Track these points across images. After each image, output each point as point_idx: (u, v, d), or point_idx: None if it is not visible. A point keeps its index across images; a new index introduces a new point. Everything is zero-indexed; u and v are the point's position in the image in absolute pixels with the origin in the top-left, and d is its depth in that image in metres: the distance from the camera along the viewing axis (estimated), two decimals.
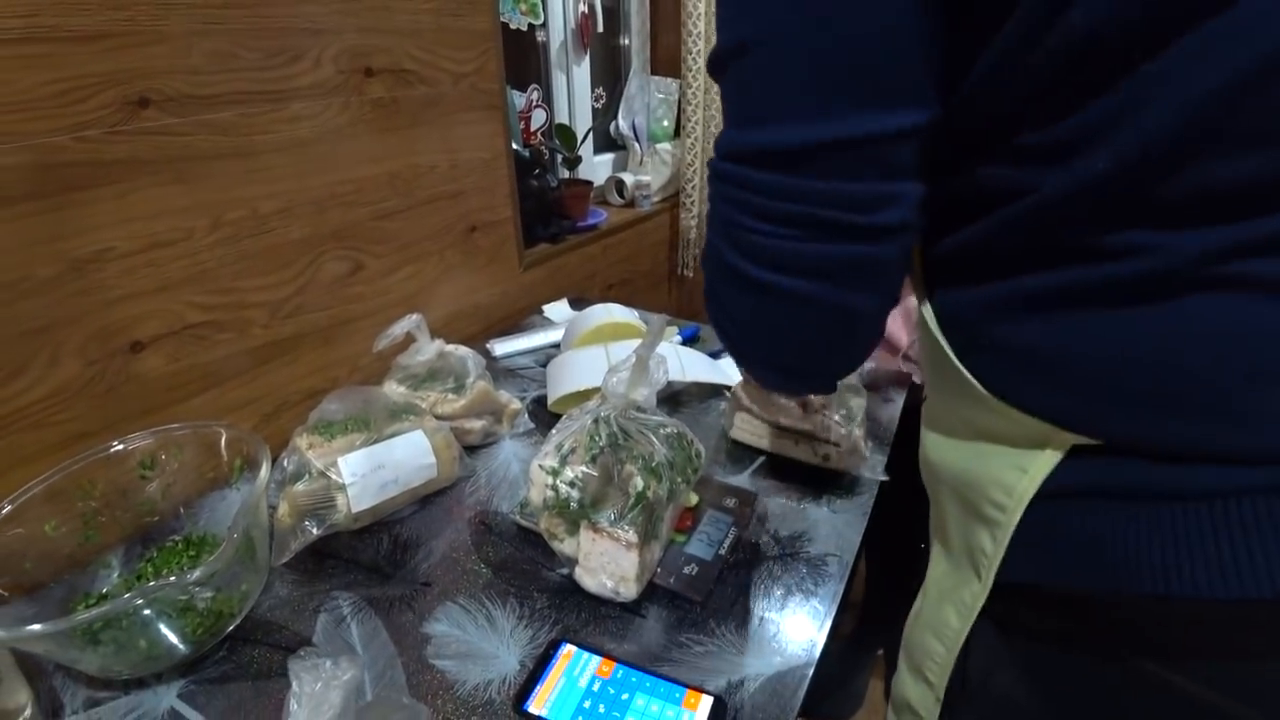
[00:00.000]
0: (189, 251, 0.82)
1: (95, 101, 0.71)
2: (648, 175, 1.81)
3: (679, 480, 0.74)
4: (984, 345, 0.43)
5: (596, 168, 1.87)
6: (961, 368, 0.43)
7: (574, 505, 0.69)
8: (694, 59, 1.68)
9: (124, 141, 0.74)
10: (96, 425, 0.78)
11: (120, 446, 0.73)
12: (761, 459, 0.95)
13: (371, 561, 0.75)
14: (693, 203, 1.84)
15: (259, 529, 0.66)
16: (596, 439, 0.72)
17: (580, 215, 1.55)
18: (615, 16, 1.89)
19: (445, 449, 0.82)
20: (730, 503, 0.83)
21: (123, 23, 0.72)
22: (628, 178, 1.78)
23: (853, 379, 0.96)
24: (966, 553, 0.47)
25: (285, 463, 0.74)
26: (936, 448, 0.51)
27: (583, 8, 1.61)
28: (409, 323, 0.85)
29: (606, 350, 1.01)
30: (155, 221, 0.78)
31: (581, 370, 0.99)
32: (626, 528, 0.67)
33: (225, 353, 0.88)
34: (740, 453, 0.95)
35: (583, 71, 1.73)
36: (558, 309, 1.40)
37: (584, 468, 0.71)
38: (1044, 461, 0.41)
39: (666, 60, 1.95)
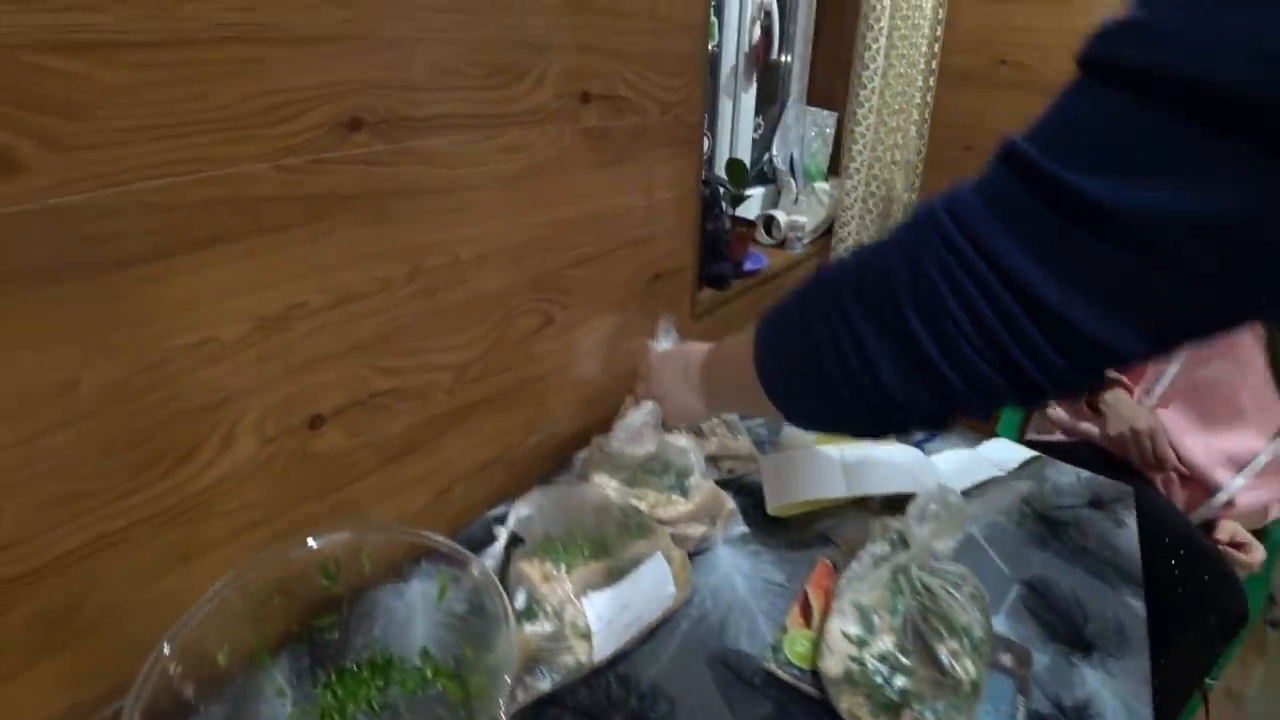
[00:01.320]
0: (384, 305, 0.67)
1: (304, 121, 0.57)
2: (803, 215, 1.64)
3: (986, 651, 0.58)
4: None
5: (748, 203, 1.71)
6: None
7: (891, 692, 0.53)
8: (867, 94, 1.51)
9: (327, 172, 0.60)
10: (269, 513, 0.64)
11: (313, 545, 0.58)
12: (1013, 594, 0.78)
13: (596, 707, 0.59)
14: (845, 249, 1.66)
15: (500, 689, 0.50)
16: (900, 598, 0.57)
17: (741, 258, 1.39)
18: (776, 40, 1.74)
19: (681, 571, 0.66)
20: (1006, 660, 0.67)
21: (344, 23, 0.58)
22: (781, 216, 1.62)
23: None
24: None
25: (513, 591, 0.58)
26: None
27: (758, 31, 1.46)
28: (645, 414, 0.69)
29: (841, 455, 0.84)
30: (351, 269, 0.64)
31: (814, 477, 0.83)
32: None
33: (405, 424, 0.73)
34: (988, 588, 0.78)
35: (749, 99, 1.58)
36: None
37: (893, 638, 0.55)
38: None
39: (821, 89, 1.79)
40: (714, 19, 1.37)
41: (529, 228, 0.79)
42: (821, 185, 1.69)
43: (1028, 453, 1.10)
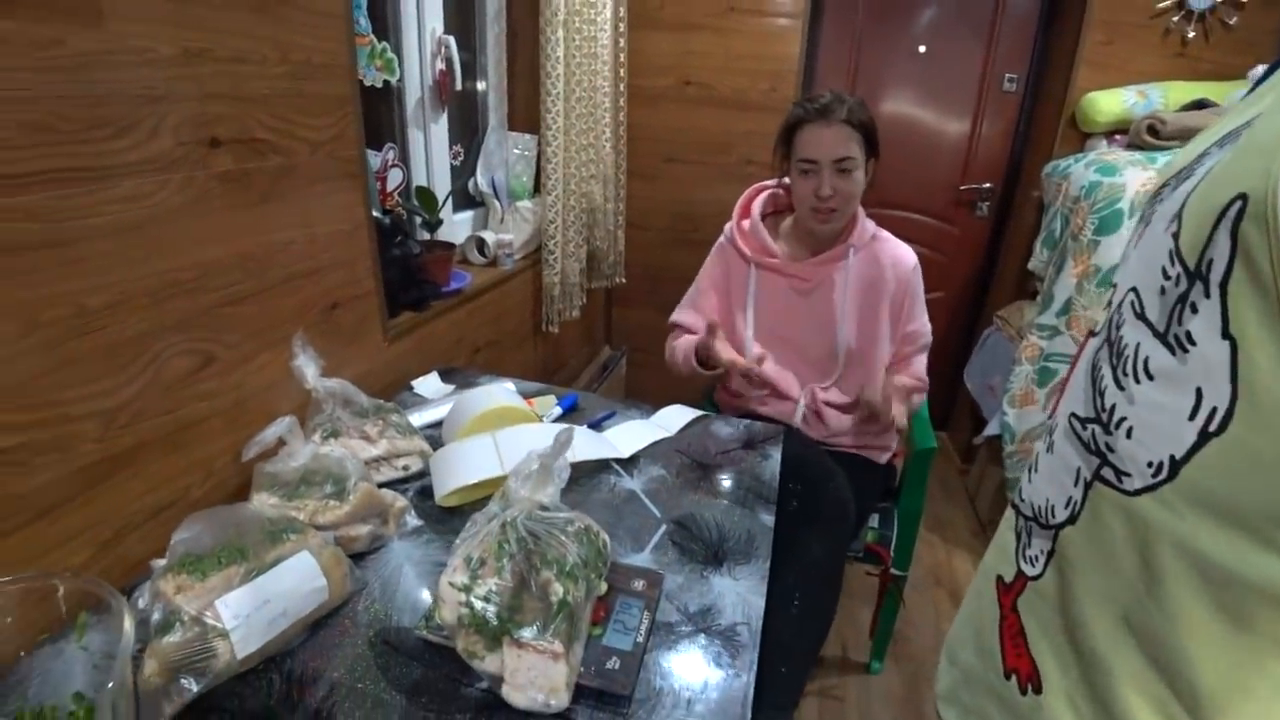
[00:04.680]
0: None
1: None
2: (510, 233, 1.77)
3: (593, 576, 0.73)
4: None
5: (456, 226, 1.80)
6: None
7: (492, 621, 0.64)
8: (553, 116, 1.67)
9: None
10: None
11: None
12: (661, 531, 0.94)
13: (262, 708, 0.65)
14: (555, 259, 1.82)
15: (124, 699, 0.55)
16: (505, 546, 0.68)
17: (444, 280, 1.48)
18: (472, 71, 1.85)
19: (335, 566, 0.73)
20: (638, 585, 0.83)
21: None
22: (489, 236, 1.73)
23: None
24: None
25: (150, 611, 0.62)
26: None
27: (440, 64, 1.56)
28: (280, 426, 0.76)
29: (494, 438, 0.96)
30: None
31: (470, 462, 0.93)
32: (551, 638, 0.63)
33: (47, 477, 0.74)
34: (640, 531, 0.94)
35: (440, 128, 1.66)
36: (427, 383, 1.32)
37: (496, 579, 0.66)
38: None
39: (524, 115, 1.93)
40: (392, 55, 1.45)
41: (166, 271, 0.82)
42: (525, 204, 1.83)
43: (695, 413, 1.29)
